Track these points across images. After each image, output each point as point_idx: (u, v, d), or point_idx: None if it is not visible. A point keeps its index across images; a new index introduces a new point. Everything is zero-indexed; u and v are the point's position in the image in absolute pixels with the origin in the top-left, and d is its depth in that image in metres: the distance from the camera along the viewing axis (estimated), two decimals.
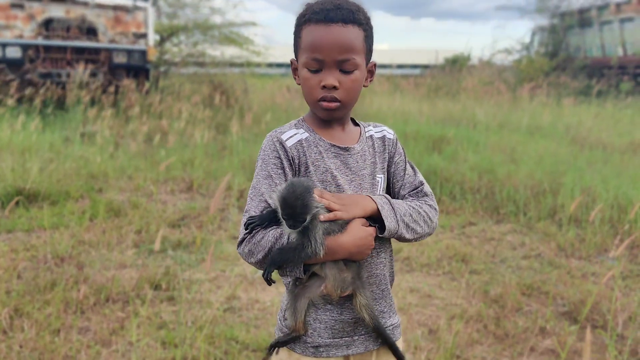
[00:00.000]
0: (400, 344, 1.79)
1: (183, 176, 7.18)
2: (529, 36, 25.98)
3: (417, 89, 17.22)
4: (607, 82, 18.48)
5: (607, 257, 5.00)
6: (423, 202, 1.78)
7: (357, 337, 1.71)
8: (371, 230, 1.63)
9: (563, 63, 21.69)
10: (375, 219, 1.65)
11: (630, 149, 9.15)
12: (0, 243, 4.80)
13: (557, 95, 15.66)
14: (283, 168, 1.63)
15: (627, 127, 11.37)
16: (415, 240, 1.74)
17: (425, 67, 25.80)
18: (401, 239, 1.70)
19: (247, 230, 1.58)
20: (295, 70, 1.74)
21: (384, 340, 1.73)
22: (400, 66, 25.48)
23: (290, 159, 1.64)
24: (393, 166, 1.80)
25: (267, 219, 1.58)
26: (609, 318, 3.70)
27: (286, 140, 1.66)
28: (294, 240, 1.54)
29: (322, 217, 1.54)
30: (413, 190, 1.80)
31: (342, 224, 1.59)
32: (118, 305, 3.82)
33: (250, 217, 1.60)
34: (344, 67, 1.62)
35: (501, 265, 4.79)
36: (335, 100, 1.63)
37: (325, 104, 1.64)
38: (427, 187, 1.82)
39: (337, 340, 1.69)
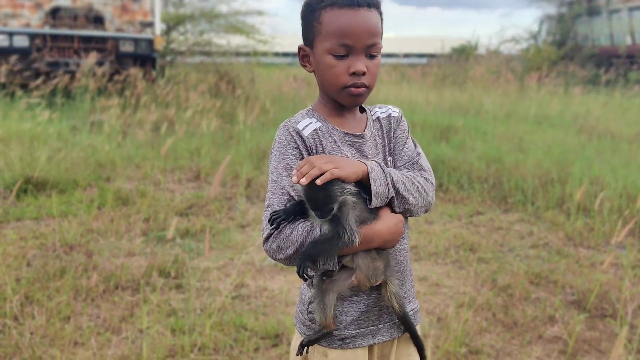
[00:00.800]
0: (418, 329, 1.78)
1: (190, 165, 7.19)
2: (536, 25, 25.80)
3: (424, 78, 17.14)
4: (616, 71, 18.37)
5: (616, 245, 4.99)
6: (418, 174, 1.70)
7: (382, 326, 1.70)
8: (401, 217, 1.61)
9: (571, 52, 21.58)
10: (366, 187, 1.58)
11: (638, 139, 9.10)
12: (10, 231, 4.82)
13: (565, 85, 15.57)
14: (302, 158, 1.58)
15: (636, 116, 11.30)
16: (409, 212, 1.66)
17: (432, 56, 25.72)
18: (391, 207, 1.62)
19: (274, 226, 1.53)
20: (304, 58, 1.68)
21: (408, 328, 1.72)
22: (406, 55, 25.38)
23: (309, 148, 1.60)
24: (393, 140, 1.75)
25: (293, 213, 1.54)
26: (618, 307, 3.69)
27: (302, 129, 1.61)
28: (326, 230, 1.49)
29: (318, 182, 1.45)
30: (408, 162, 1.72)
31: (374, 212, 1.56)
32: (127, 292, 3.84)
33: (275, 211, 1.54)
34: (370, 52, 1.59)
35: (509, 254, 4.79)
36: (363, 85, 1.60)
37: (355, 89, 1.60)
38: (423, 161, 1.74)
39: (362, 330, 1.68)
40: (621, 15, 20.97)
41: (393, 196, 1.59)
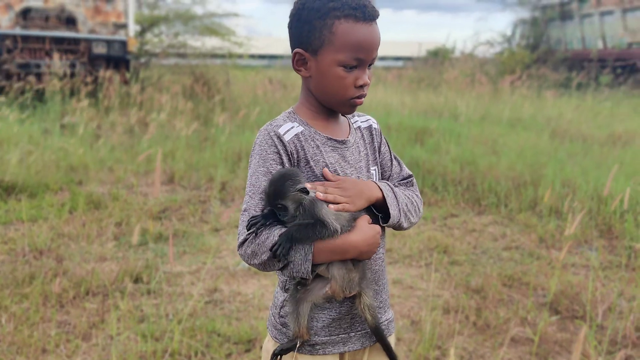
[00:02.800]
0: (392, 339, 1.78)
1: (164, 168, 7.12)
2: (510, 29, 26.11)
3: (400, 81, 17.22)
4: (587, 74, 18.61)
5: (587, 248, 5.05)
6: (412, 192, 1.78)
7: (353, 334, 1.69)
8: (378, 228, 1.61)
9: (544, 55, 21.82)
10: (377, 207, 1.64)
11: (609, 141, 9.24)
12: None
13: (537, 88, 15.74)
14: (282, 163, 1.58)
15: (607, 119, 11.47)
16: (406, 229, 1.73)
17: (408, 59, 25.84)
18: (398, 228, 1.69)
19: (251, 231, 1.51)
20: (300, 62, 1.63)
21: (380, 340, 1.71)
22: (382, 58, 25.46)
23: (289, 153, 1.59)
24: (380, 156, 1.79)
25: (271, 218, 1.53)
26: (588, 309, 3.73)
27: (284, 134, 1.59)
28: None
29: (331, 207, 1.52)
30: (402, 180, 1.80)
31: (349, 220, 1.55)
32: (98, 298, 3.78)
33: (253, 216, 1.53)
34: (371, 64, 1.63)
35: (482, 257, 4.82)
36: (364, 96, 1.64)
37: (358, 100, 1.63)
38: (414, 179, 1.84)
39: (333, 337, 1.67)
40: (593, 20, 21.30)
41: (402, 222, 1.67)
